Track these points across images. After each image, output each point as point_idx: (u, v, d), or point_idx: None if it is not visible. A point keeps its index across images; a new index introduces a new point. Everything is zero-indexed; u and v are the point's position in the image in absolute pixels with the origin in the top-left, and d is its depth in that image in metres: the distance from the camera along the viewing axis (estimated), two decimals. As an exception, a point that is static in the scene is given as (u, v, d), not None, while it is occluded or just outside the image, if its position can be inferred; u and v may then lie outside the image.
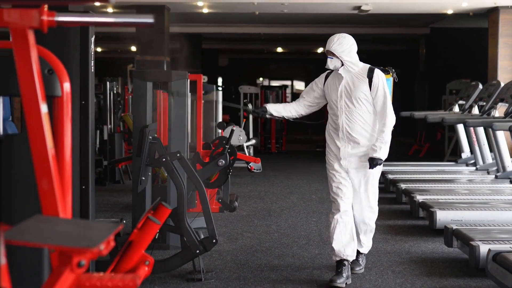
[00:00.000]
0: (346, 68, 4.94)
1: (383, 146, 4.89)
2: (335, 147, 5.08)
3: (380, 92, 4.92)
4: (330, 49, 4.92)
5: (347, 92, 4.97)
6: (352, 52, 4.92)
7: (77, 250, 1.91)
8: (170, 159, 5.15)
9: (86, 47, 4.27)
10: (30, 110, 2.27)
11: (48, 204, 2.30)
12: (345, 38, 4.91)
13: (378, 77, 4.93)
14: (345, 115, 4.99)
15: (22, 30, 2.21)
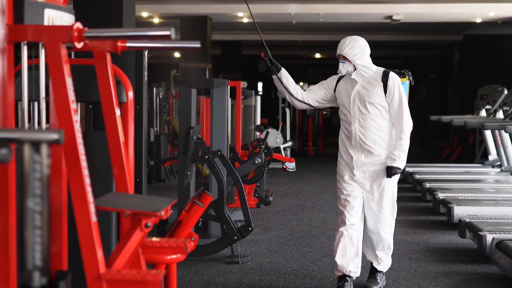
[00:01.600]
0: (359, 73, 4.69)
1: (402, 155, 4.65)
2: (347, 156, 4.83)
3: (396, 97, 4.67)
4: (342, 53, 4.67)
5: (361, 97, 4.71)
6: (365, 55, 4.68)
7: (146, 213, 2.66)
8: (212, 157, 5.90)
9: (140, 60, 5.06)
10: (108, 113, 3.03)
11: (119, 184, 3.06)
12: (357, 41, 4.67)
13: (393, 81, 4.68)
14: (358, 121, 4.73)
15: (103, 53, 2.97)
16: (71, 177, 2.53)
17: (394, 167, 4.65)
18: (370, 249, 5.02)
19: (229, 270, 5.64)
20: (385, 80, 4.68)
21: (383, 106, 4.71)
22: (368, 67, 4.71)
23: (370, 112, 4.71)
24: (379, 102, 4.70)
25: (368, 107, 4.70)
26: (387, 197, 4.81)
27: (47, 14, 2.62)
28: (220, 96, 6.79)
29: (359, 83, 4.71)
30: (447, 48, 19.56)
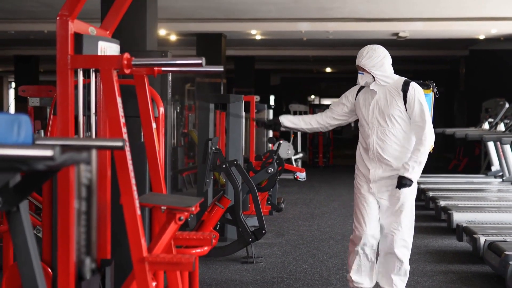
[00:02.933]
0: (378, 83, 4.51)
1: (416, 167, 4.38)
2: (364, 169, 4.63)
3: (417, 107, 4.42)
4: (360, 64, 4.52)
5: (380, 108, 4.51)
6: (385, 64, 4.49)
7: (179, 209, 3.24)
8: (229, 166, 6.48)
9: (165, 79, 5.65)
10: (146, 126, 3.62)
11: (155, 186, 3.64)
12: (375, 51, 4.50)
13: (414, 90, 4.44)
14: (376, 134, 4.53)
15: (142, 76, 3.57)
16: (120, 178, 3.11)
17: (405, 178, 4.37)
18: (385, 274, 4.70)
19: (244, 269, 6.20)
20: (405, 89, 4.45)
21: (403, 119, 4.49)
22: (388, 77, 4.50)
23: (389, 125, 4.50)
24: (399, 115, 4.48)
25: (387, 120, 4.50)
26: (405, 215, 4.56)
27: (100, 45, 3.23)
28: (236, 110, 7.38)
29: (379, 94, 4.52)
30: (454, 62, 20.10)
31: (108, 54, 3.27)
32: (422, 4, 10.56)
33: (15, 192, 2.22)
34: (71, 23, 3.05)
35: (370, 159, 4.59)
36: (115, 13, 3.55)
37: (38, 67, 20.25)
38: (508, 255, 5.47)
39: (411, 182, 4.40)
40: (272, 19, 12.24)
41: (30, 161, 1.85)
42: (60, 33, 3.03)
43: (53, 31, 10.82)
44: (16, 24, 12.71)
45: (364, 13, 11.48)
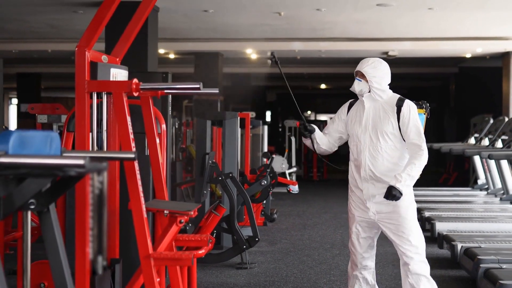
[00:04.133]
0: (372, 96, 4.39)
1: (408, 179, 4.22)
2: (357, 189, 4.47)
3: (412, 122, 4.31)
4: (361, 70, 4.40)
5: (373, 125, 4.38)
6: (384, 80, 4.39)
7: (180, 212, 3.75)
8: (224, 178, 6.98)
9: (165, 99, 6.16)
10: (150, 141, 4.13)
11: (159, 193, 4.15)
12: (381, 64, 4.42)
13: (409, 107, 4.34)
14: (368, 151, 4.37)
15: (147, 98, 4.08)
16: (130, 186, 3.62)
17: (395, 188, 4.20)
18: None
19: (239, 274, 6.69)
20: (399, 105, 4.34)
21: (396, 136, 4.37)
22: (384, 91, 4.40)
23: (381, 142, 4.37)
24: (391, 131, 4.36)
25: (379, 137, 4.37)
26: (411, 231, 4.40)
27: (112, 72, 3.75)
28: (231, 127, 7.90)
29: (371, 109, 4.41)
30: (444, 79, 20.68)
31: (118, 79, 3.79)
32: (406, 26, 11.10)
33: (46, 195, 2.71)
34: (87, 53, 3.57)
35: (361, 179, 4.41)
36: (124, 42, 4.07)
37: (40, 84, 20.78)
38: (480, 259, 5.96)
39: (400, 195, 4.22)
40: (267, 39, 12.79)
41: (65, 168, 2.35)
42: (78, 62, 3.54)
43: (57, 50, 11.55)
44: (20, 43, 13.24)
45: (354, 33, 12.03)
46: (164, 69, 16.19)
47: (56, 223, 2.83)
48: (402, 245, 4.40)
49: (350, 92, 4.59)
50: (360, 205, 4.47)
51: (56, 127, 8.37)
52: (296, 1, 8.97)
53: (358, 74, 4.45)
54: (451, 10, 9.41)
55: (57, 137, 2.74)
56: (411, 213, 4.43)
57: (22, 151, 2.49)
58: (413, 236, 4.39)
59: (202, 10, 9.61)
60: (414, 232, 4.40)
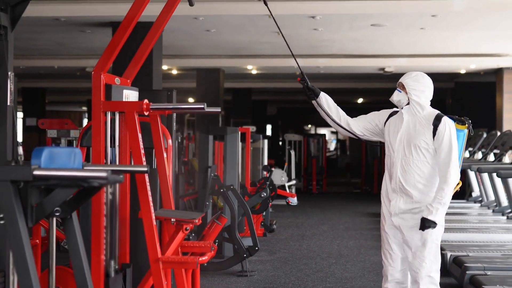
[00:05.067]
0: (411, 110, 4.38)
1: (440, 208, 4.22)
2: (387, 200, 4.48)
3: (446, 143, 4.25)
4: (403, 81, 4.42)
5: (408, 138, 4.37)
6: (425, 94, 4.36)
7: (186, 220, 4.12)
8: (226, 190, 7.37)
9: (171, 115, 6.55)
10: (158, 155, 4.52)
11: (166, 203, 4.53)
12: (424, 77, 4.42)
13: (445, 125, 4.28)
14: (401, 163, 4.38)
15: (155, 116, 4.47)
16: (141, 196, 4.01)
17: (429, 220, 4.21)
18: None
19: (239, 281, 7.06)
20: (436, 123, 4.29)
21: (429, 151, 4.33)
22: (422, 106, 4.37)
23: (414, 156, 4.35)
24: (425, 147, 4.33)
25: (412, 151, 4.36)
26: (429, 251, 4.38)
27: (125, 93, 4.14)
28: (232, 141, 8.30)
29: (409, 122, 4.39)
30: (441, 94, 21.08)
31: (130, 99, 4.18)
32: (401, 44, 11.52)
33: (69, 204, 3.09)
34: (103, 77, 3.96)
35: (392, 190, 4.43)
36: (134, 65, 4.48)
37: (45, 98, 21.22)
38: (466, 266, 6.33)
39: (435, 225, 4.25)
40: (267, 56, 13.21)
41: (90, 180, 2.73)
42: (95, 84, 3.94)
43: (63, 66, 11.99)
44: (28, 60, 13.66)
45: (351, 50, 12.45)
46: (167, 84, 16.63)
47: (78, 228, 3.21)
48: (415, 264, 4.36)
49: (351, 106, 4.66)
50: (387, 216, 4.47)
51: (65, 141, 8.76)
52: (293, 22, 9.38)
53: (399, 85, 4.44)
54: (441, 29, 9.82)
55: (80, 153, 3.13)
56: (435, 235, 4.37)
57: (51, 164, 2.87)
58: (430, 258, 4.37)
59: (205, 30, 10.03)
60: (432, 254, 4.38)
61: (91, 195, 3.12)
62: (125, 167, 3.64)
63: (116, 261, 4.32)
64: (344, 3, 8.05)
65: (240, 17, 8.89)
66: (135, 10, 4.15)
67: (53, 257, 3.24)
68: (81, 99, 25.27)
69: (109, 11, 8.38)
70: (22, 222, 2.75)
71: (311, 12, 8.43)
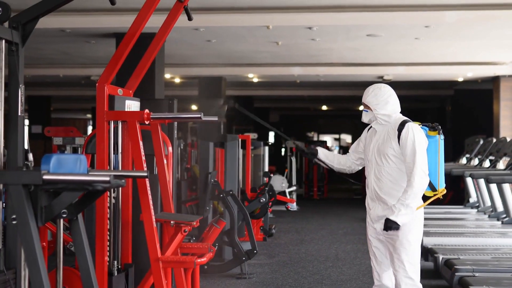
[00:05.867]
0: (379, 122, 4.52)
1: (402, 209, 4.28)
2: (368, 208, 4.63)
3: (409, 147, 4.34)
4: (365, 102, 4.55)
5: (378, 147, 4.52)
6: (389, 103, 4.48)
7: (185, 223, 4.39)
8: (225, 195, 7.63)
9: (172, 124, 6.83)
10: (159, 162, 4.79)
11: (166, 207, 4.80)
12: (381, 90, 4.52)
13: (408, 130, 4.37)
14: (374, 172, 4.53)
15: (156, 124, 4.75)
16: (142, 200, 4.27)
17: (391, 221, 4.30)
18: None
19: (238, 283, 7.32)
20: (400, 129, 4.40)
21: (398, 157, 4.45)
22: (389, 116, 4.50)
23: (384, 164, 4.47)
24: (393, 153, 4.45)
25: (382, 158, 4.48)
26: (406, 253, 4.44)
27: (127, 103, 4.42)
28: (232, 148, 8.57)
29: (379, 133, 4.54)
30: (441, 101, 21.34)
31: (132, 109, 4.46)
32: (399, 52, 11.78)
33: (75, 206, 3.36)
34: (106, 88, 4.24)
35: (370, 198, 4.57)
36: (137, 76, 4.75)
37: (50, 106, 21.53)
38: (456, 268, 6.58)
39: (397, 225, 4.30)
40: (268, 64, 13.50)
41: (94, 183, 3.00)
42: (99, 95, 4.22)
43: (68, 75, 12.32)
44: (34, 69, 13.97)
45: (350, 59, 12.72)
46: (169, 92, 16.92)
47: (83, 229, 3.47)
48: (395, 267, 4.46)
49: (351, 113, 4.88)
50: (370, 223, 4.59)
51: (70, 148, 9.05)
52: (291, 33, 9.66)
53: (364, 105, 4.57)
54: (436, 39, 10.08)
55: (85, 159, 3.40)
56: (412, 238, 4.45)
57: (59, 170, 3.15)
58: (408, 261, 4.43)
59: (206, 40, 10.32)
60: (410, 257, 4.44)
61: (95, 198, 3.39)
62: (127, 172, 3.92)
63: (118, 261, 4.59)
64: (339, 15, 8.32)
65: (240, 28, 9.17)
66: (137, 24, 4.41)
67: (61, 256, 3.51)
68: (86, 107, 25.59)
69: (112, 23, 8.68)
70: (33, 223, 3.02)
71: (308, 23, 8.71)
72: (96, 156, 4.24)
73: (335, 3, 8.18)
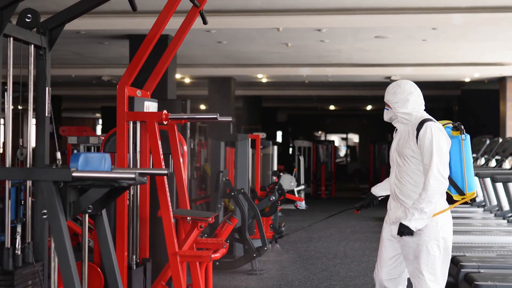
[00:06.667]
0: (400, 121, 4.32)
1: (416, 214, 4.06)
2: (389, 208, 4.42)
3: (426, 148, 4.10)
4: (385, 100, 4.34)
5: (398, 148, 4.32)
6: (410, 101, 4.25)
7: (201, 219, 4.59)
8: (236, 193, 7.83)
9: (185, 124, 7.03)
10: (175, 160, 4.98)
11: (182, 203, 5.00)
12: (400, 87, 4.29)
13: (426, 130, 4.13)
14: (395, 173, 4.33)
15: (173, 125, 4.95)
16: (160, 197, 4.47)
17: (404, 225, 4.10)
18: None
19: (249, 279, 7.52)
20: (419, 129, 4.16)
21: (417, 159, 4.21)
22: (410, 114, 4.27)
23: (404, 166, 4.26)
24: (411, 154, 4.22)
25: (402, 160, 4.28)
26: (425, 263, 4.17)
27: (146, 104, 4.62)
28: (243, 147, 8.77)
29: (401, 132, 4.34)
30: (448, 101, 21.49)
31: (151, 110, 4.66)
32: (406, 53, 11.96)
33: (100, 202, 3.56)
34: (127, 90, 4.44)
35: (392, 199, 4.38)
36: (154, 78, 4.94)
37: (61, 105, 21.79)
38: (462, 265, 6.76)
39: (410, 231, 4.09)
40: (276, 65, 13.70)
41: (120, 180, 3.20)
42: (119, 97, 4.42)
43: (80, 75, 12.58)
44: (47, 69, 14.20)
45: (358, 59, 12.90)
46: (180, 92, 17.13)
47: (107, 224, 3.67)
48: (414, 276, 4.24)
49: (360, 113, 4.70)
50: (387, 226, 4.40)
51: (84, 147, 9.27)
52: (300, 35, 9.86)
53: (386, 104, 4.36)
54: (443, 40, 10.26)
55: (109, 158, 3.60)
56: (432, 246, 4.16)
57: (86, 167, 3.35)
58: (428, 271, 4.17)
59: (216, 42, 10.52)
60: (430, 267, 4.17)
61: (118, 195, 3.59)
62: (148, 170, 4.12)
63: (137, 255, 4.79)
64: (348, 17, 8.52)
65: (250, 30, 9.37)
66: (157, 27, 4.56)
67: (86, 249, 3.71)
68: (96, 106, 25.84)
69: (126, 25, 8.90)
70: (62, 217, 3.22)
71: (316, 25, 8.91)
72: (116, 155, 4.44)
73: (344, 6, 8.37)
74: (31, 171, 3.39)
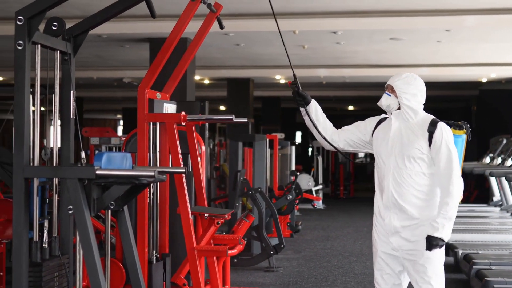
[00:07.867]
0: (402, 115, 3.95)
1: (446, 224, 3.76)
2: (380, 218, 4.01)
3: (444, 151, 3.82)
4: (392, 84, 3.97)
5: (400, 147, 3.93)
6: (417, 98, 3.94)
7: (218, 215, 4.80)
8: (254, 192, 8.03)
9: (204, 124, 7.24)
10: (194, 160, 5.20)
11: (200, 201, 5.21)
12: (416, 79, 3.97)
13: (441, 132, 3.85)
14: (393, 175, 3.93)
15: (191, 126, 5.16)
16: (179, 194, 4.69)
17: (435, 238, 3.75)
18: None
19: (266, 276, 7.72)
20: (431, 130, 3.86)
21: (424, 160, 3.91)
22: (414, 111, 3.94)
23: (408, 167, 3.91)
24: (420, 156, 3.90)
25: (405, 161, 3.92)
26: (434, 272, 3.92)
27: (165, 106, 4.84)
28: (260, 148, 8.97)
29: (400, 129, 3.96)
30: (466, 101, 21.53)
31: (170, 111, 4.88)
32: (422, 54, 12.09)
33: (122, 199, 3.78)
34: (147, 92, 4.66)
35: (384, 206, 3.96)
36: (173, 81, 5.16)
37: (83, 107, 22.14)
38: (474, 262, 6.91)
39: (443, 242, 3.79)
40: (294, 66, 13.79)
41: (140, 178, 3.42)
42: (140, 99, 4.64)
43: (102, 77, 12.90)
44: (69, 71, 14.50)
45: (375, 60, 13.05)
46: (199, 93, 17.40)
47: (128, 220, 3.89)
48: (420, 285, 3.94)
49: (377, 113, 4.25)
50: (382, 236, 4.00)
51: (106, 148, 9.52)
52: (316, 37, 10.04)
53: (388, 88, 4.01)
54: (458, 42, 10.39)
55: (130, 157, 3.82)
56: (438, 254, 3.91)
57: (109, 166, 3.57)
58: (435, 280, 3.93)
59: (235, 44, 10.74)
60: (437, 275, 3.94)
61: (139, 192, 3.81)
62: (166, 168, 4.35)
63: (157, 250, 5.01)
64: (363, 20, 8.68)
65: (267, 33, 9.57)
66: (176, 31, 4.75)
67: (109, 244, 3.93)
68: (117, 107, 26.18)
69: (147, 29, 9.14)
70: (87, 212, 3.44)
71: (332, 28, 9.08)
72: (137, 155, 4.66)
73: (359, 8, 8.53)
74: (58, 169, 3.62)
